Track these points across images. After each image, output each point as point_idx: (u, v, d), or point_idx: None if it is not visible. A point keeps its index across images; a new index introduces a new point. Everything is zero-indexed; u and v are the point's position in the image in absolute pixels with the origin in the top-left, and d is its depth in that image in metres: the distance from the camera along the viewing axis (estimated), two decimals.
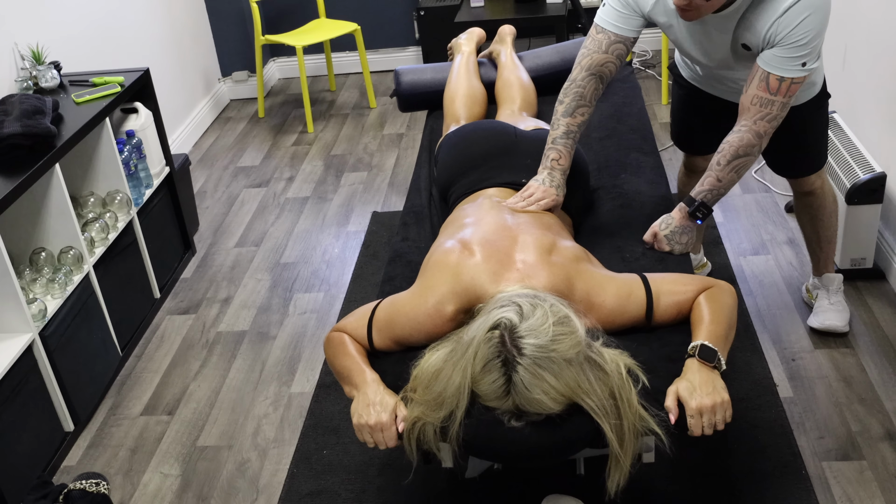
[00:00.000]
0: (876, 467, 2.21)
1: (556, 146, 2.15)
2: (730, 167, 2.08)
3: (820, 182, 2.53)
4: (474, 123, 2.52)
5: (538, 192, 2.09)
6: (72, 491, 2.21)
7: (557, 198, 2.10)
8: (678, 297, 1.81)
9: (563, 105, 2.16)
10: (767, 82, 2.00)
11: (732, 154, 2.07)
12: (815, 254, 2.69)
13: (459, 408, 1.56)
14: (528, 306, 1.56)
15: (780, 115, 2.04)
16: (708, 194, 2.12)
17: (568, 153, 2.15)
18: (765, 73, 2.00)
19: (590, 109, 2.17)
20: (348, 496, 2.23)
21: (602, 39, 2.13)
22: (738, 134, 2.07)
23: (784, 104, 2.03)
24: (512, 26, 3.11)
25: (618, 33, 2.12)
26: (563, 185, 2.14)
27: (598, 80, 2.15)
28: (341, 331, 1.89)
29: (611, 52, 2.13)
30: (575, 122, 2.15)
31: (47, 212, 2.60)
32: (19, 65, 3.04)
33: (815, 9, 1.94)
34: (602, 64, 2.13)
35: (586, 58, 2.15)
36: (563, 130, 2.15)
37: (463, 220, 2.01)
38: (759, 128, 2.05)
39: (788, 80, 1.99)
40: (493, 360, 1.52)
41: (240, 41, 5.01)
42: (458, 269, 1.79)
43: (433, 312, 1.77)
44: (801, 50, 1.96)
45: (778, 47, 1.97)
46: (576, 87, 2.15)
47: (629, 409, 1.56)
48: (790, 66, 1.98)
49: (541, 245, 1.84)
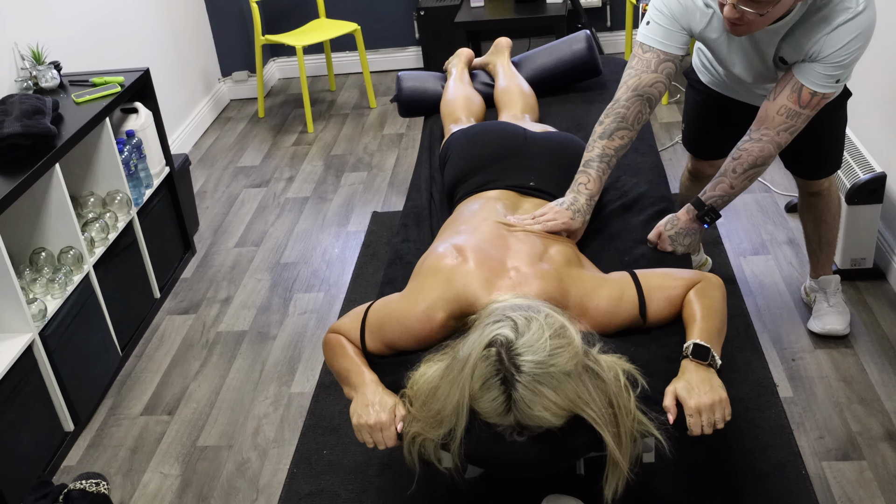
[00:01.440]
0: (876, 467, 2.21)
1: (586, 169, 2.05)
2: (745, 175, 2.07)
3: (828, 184, 2.52)
4: (483, 123, 2.52)
5: (550, 213, 2.00)
6: (72, 491, 2.22)
7: (571, 222, 2.00)
8: (669, 292, 1.81)
9: (602, 126, 2.06)
10: (800, 94, 1.98)
11: (750, 163, 2.05)
12: (814, 254, 2.69)
13: (459, 425, 1.55)
14: (522, 321, 1.53)
15: (800, 128, 2.03)
16: (718, 200, 2.11)
17: (598, 178, 2.04)
18: (798, 84, 1.98)
19: (631, 133, 2.05)
20: (348, 496, 2.23)
21: (650, 58, 2.04)
22: (758, 143, 2.04)
23: (808, 117, 2.01)
24: (508, 39, 3.12)
25: (667, 51, 2.04)
26: (586, 210, 2.03)
27: (644, 102, 2.04)
28: (336, 332, 1.89)
29: (660, 71, 2.04)
30: (612, 144, 2.04)
31: (47, 212, 2.60)
32: (19, 65, 3.04)
33: (862, 30, 1.92)
34: (651, 84, 2.04)
35: (633, 77, 2.04)
36: (597, 153, 2.05)
37: (459, 225, 2.00)
38: (780, 139, 2.03)
39: (820, 96, 1.98)
40: (491, 378, 1.50)
41: (240, 41, 5.01)
42: (451, 275, 1.78)
43: (423, 318, 1.76)
44: (840, 69, 1.95)
45: (819, 63, 1.95)
46: (618, 108, 2.05)
47: (626, 416, 1.56)
48: (826, 83, 1.97)
49: (533, 252, 1.83)
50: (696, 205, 2.12)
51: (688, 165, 2.77)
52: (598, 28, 5.07)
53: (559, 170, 2.22)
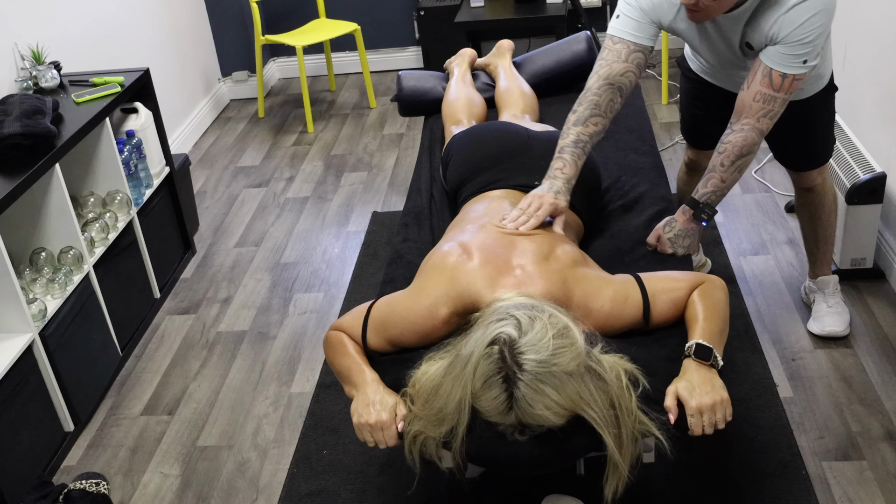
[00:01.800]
0: (876, 467, 2.21)
1: (561, 155, 2.07)
2: (734, 167, 2.08)
3: (821, 179, 2.53)
4: (485, 124, 2.52)
5: (535, 202, 1.99)
6: (72, 491, 2.22)
7: (556, 202, 2.00)
8: (673, 294, 1.81)
9: (576, 114, 2.09)
10: (771, 78, 2.00)
11: (736, 154, 2.07)
12: (812, 253, 2.69)
13: (461, 424, 1.55)
14: (526, 319, 1.54)
15: (780, 111, 2.04)
16: (712, 195, 2.12)
17: (574, 162, 2.06)
18: (767, 68, 2.00)
19: (604, 121, 2.09)
20: (348, 496, 2.23)
21: (621, 49, 2.08)
22: (741, 133, 2.06)
23: (784, 100, 2.03)
24: (511, 42, 3.12)
25: (636, 42, 2.07)
26: (565, 192, 2.05)
27: (615, 90, 2.08)
28: (338, 329, 1.89)
29: (630, 61, 2.08)
30: (587, 131, 2.07)
31: (47, 212, 2.60)
32: (19, 65, 3.04)
33: (819, 9, 1.93)
34: (622, 73, 2.07)
35: (604, 67, 2.08)
36: (571, 139, 2.07)
37: (466, 224, 2.01)
38: (762, 125, 2.05)
39: (791, 77, 2.00)
40: (493, 376, 1.50)
41: (240, 41, 5.01)
42: (455, 272, 1.78)
43: (427, 314, 1.76)
44: (804, 48, 1.96)
45: (781, 44, 1.97)
46: (591, 96, 2.08)
47: (628, 417, 1.56)
48: (792, 63, 1.98)
49: (539, 251, 1.83)
50: (692, 204, 2.13)
51: (684, 158, 2.79)
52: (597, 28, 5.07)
53: None
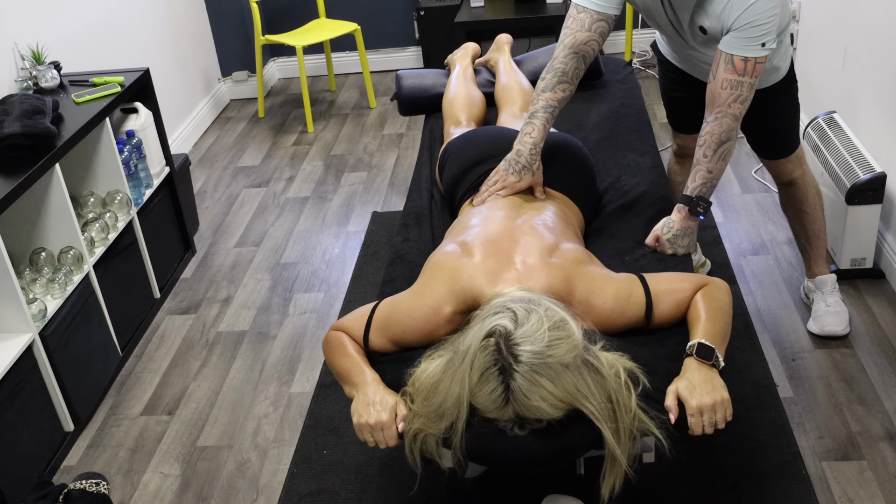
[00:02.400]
0: (876, 467, 2.21)
1: (531, 120, 2.16)
2: (716, 156, 2.11)
3: (800, 172, 2.55)
4: (478, 129, 2.53)
5: (499, 182, 2.14)
6: (72, 491, 2.21)
7: (517, 184, 2.12)
8: (676, 295, 1.82)
9: (545, 81, 2.17)
10: (733, 64, 2.03)
11: (716, 142, 2.09)
12: (805, 251, 2.70)
13: (460, 419, 1.55)
14: (522, 312, 1.54)
15: (749, 96, 2.07)
16: (702, 188, 2.14)
17: (542, 126, 2.15)
18: (728, 55, 2.04)
19: (571, 87, 2.17)
20: (348, 496, 2.23)
21: (584, 18, 2.14)
22: (715, 122, 2.09)
23: (752, 85, 2.06)
24: (509, 35, 3.12)
25: (600, 10, 2.12)
26: (533, 160, 2.14)
27: (580, 58, 2.15)
28: (339, 329, 1.89)
29: (594, 31, 2.14)
30: (555, 97, 2.15)
31: (47, 212, 2.60)
32: (19, 65, 3.04)
33: None
34: (585, 42, 2.14)
35: (569, 37, 2.15)
36: (541, 105, 2.16)
37: (469, 221, 2.01)
38: (734, 110, 2.07)
39: (752, 60, 2.03)
40: (489, 368, 1.51)
41: (240, 41, 5.01)
42: (457, 269, 1.79)
43: (430, 313, 1.77)
44: (757, 31, 1.99)
45: (734, 31, 2.01)
46: (557, 64, 2.15)
47: (626, 413, 1.56)
48: (750, 46, 2.01)
49: (542, 246, 1.84)
50: (685, 201, 2.14)
51: (672, 147, 2.81)
52: None
53: (556, 169, 2.23)
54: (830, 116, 3.14)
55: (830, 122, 3.11)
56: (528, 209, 2.06)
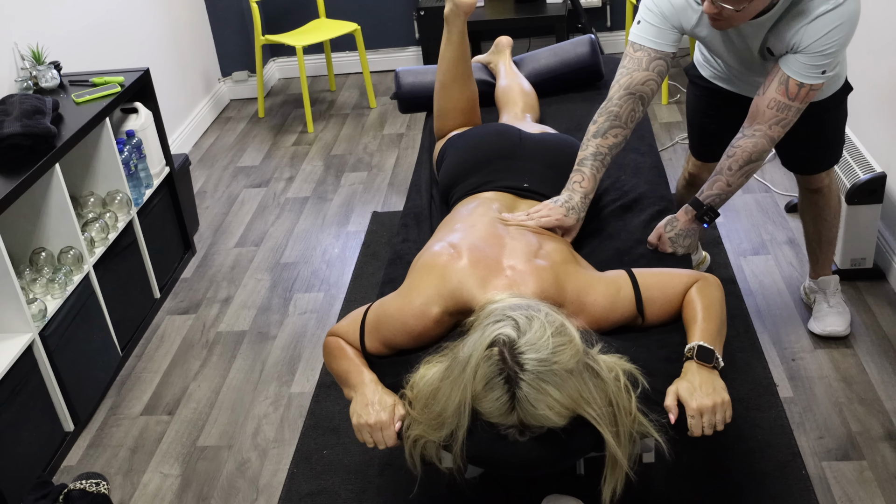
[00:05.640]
0: (876, 467, 2.21)
1: (581, 168, 2.08)
2: (741, 172, 2.07)
3: (828, 181, 2.53)
4: (479, 127, 2.51)
5: (544, 210, 2.03)
6: (72, 491, 2.21)
7: (564, 218, 2.02)
8: (666, 290, 1.82)
9: (596, 125, 2.09)
10: (787, 87, 1.99)
11: (745, 159, 2.06)
12: (814, 254, 2.69)
13: (461, 427, 1.55)
14: (523, 320, 1.53)
15: (793, 121, 2.04)
16: (716, 198, 2.12)
17: (592, 176, 2.07)
18: (785, 76, 1.99)
19: (625, 132, 2.08)
20: (348, 496, 2.23)
21: (642, 57, 2.07)
22: (752, 139, 2.05)
23: (799, 110, 2.02)
24: (509, 38, 3.11)
25: (657, 49, 2.06)
26: (581, 208, 2.06)
27: (637, 100, 2.07)
28: (335, 334, 1.90)
29: (652, 69, 2.06)
30: (606, 143, 2.07)
31: (47, 212, 2.60)
32: (19, 65, 3.04)
33: (844, 21, 1.92)
34: (643, 82, 2.07)
35: (625, 76, 2.07)
36: (591, 151, 2.08)
37: (455, 223, 2.01)
38: (773, 133, 2.04)
39: (807, 87, 1.99)
40: (494, 377, 1.50)
41: (240, 41, 5.01)
42: (445, 271, 1.78)
43: (419, 314, 1.76)
44: (824, 59, 1.96)
45: (802, 53, 1.96)
46: (611, 107, 2.07)
47: (626, 416, 1.56)
48: (810, 73, 1.97)
49: (528, 250, 1.84)
50: (695, 205, 2.13)
51: (686, 169, 2.75)
52: (597, 28, 5.07)
53: (554, 171, 2.23)
54: None
55: None
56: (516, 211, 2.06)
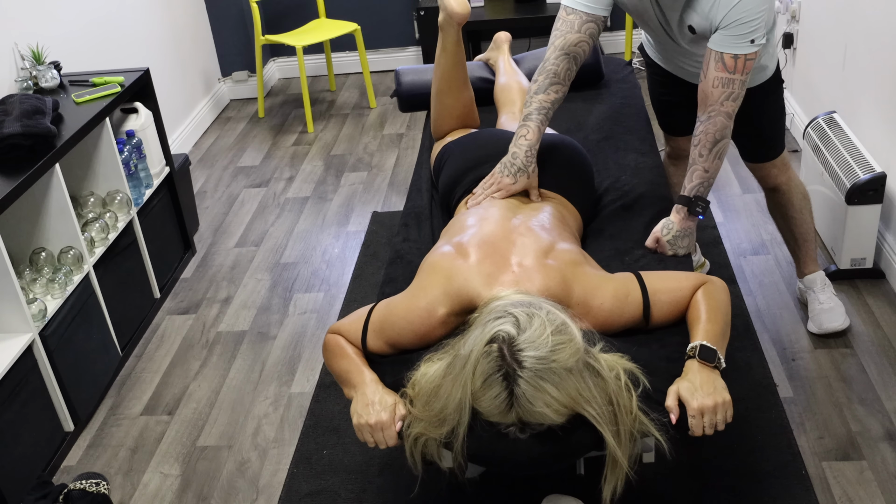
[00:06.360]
0: (876, 467, 2.21)
1: (526, 122, 2.17)
2: (712, 155, 2.11)
3: (785, 178, 2.56)
4: (473, 132, 2.52)
5: (494, 185, 2.14)
6: (72, 491, 2.21)
7: (512, 186, 2.12)
8: (674, 294, 1.81)
9: (537, 83, 2.18)
10: (723, 61, 2.04)
11: (711, 141, 2.10)
12: (794, 253, 2.72)
13: (461, 424, 1.55)
14: (524, 317, 1.53)
15: (741, 93, 2.08)
16: (700, 187, 2.14)
17: (537, 128, 2.16)
18: (718, 53, 2.04)
19: (564, 88, 2.18)
20: (348, 496, 2.23)
21: (574, 20, 2.15)
22: (709, 121, 2.09)
23: (743, 82, 2.06)
24: (507, 33, 3.11)
25: (588, 12, 2.14)
26: (529, 162, 2.14)
27: (571, 59, 2.16)
28: (336, 332, 1.89)
29: (583, 32, 2.15)
30: (548, 98, 2.17)
31: (47, 212, 2.60)
32: (19, 65, 3.04)
33: None
34: (575, 44, 2.15)
35: (559, 38, 2.16)
36: (535, 107, 2.17)
37: (465, 221, 2.01)
38: (727, 108, 2.08)
39: (742, 57, 2.03)
40: (493, 374, 1.50)
41: (240, 41, 5.01)
42: (452, 271, 1.78)
43: (425, 314, 1.76)
44: (746, 28, 2.00)
45: (722, 29, 2.02)
46: (548, 65, 2.17)
47: (626, 415, 1.56)
48: (738, 43, 2.02)
49: (539, 248, 1.83)
50: (683, 202, 2.14)
51: (665, 149, 2.82)
52: None
53: (553, 170, 2.23)
54: (830, 116, 3.14)
55: (830, 122, 3.11)
56: (524, 210, 2.06)
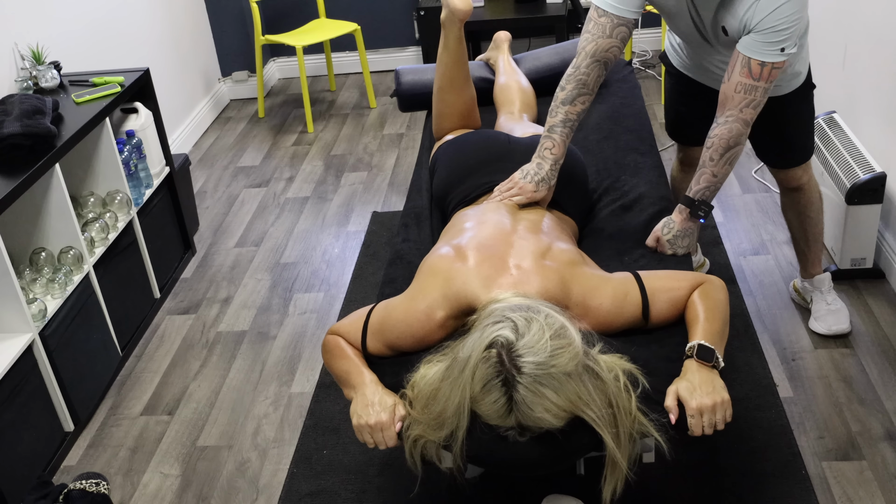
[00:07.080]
0: (876, 467, 2.21)
1: (551, 135, 2.13)
2: (723, 160, 2.09)
3: (807, 178, 2.54)
4: (467, 134, 2.51)
5: (514, 188, 2.10)
6: (72, 491, 2.21)
7: (534, 194, 2.09)
8: (672, 293, 1.81)
9: (565, 92, 2.12)
10: (749, 68, 2.00)
11: (724, 147, 2.07)
12: (802, 253, 2.70)
13: (461, 427, 1.55)
14: (522, 322, 1.53)
15: (762, 101, 2.05)
16: (706, 191, 2.12)
17: (563, 142, 2.12)
18: (746, 58, 2.00)
19: (590, 98, 2.13)
20: (348, 496, 2.23)
21: (605, 23, 2.08)
22: (726, 126, 2.06)
23: (766, 90, 2.03)
24: (507, 33, 3.11)
25: (621, 15, 2.07)
26: (552, 175, 2.11)
27: (601, 66, 2.11)
28: (336, 333, 1.89)
29: (615, 36, 2.08)
30: (574, 110, 2.12)
31: (47, 212, 2.60)
32: (19, 65, 3.04)
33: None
34: (607, 49, 2.09)
35: (590, 43, 2.09)
36: (560, 118, 2.12)
37: (463, 224, 2.01)
38: (745, 115, 2.05)
39: (769, 65, 2.00)
40: (492, 380, 1.50)
41: (240, 41, 5.01)
42: (450, 273, 1.78)
43: (423, 317, 1.76)
44: (779, 35, 1.96)
45: (755, 33, 1.98)
46: (579, 75, 2.10)
47: (626, 416, 1.56)
48: (768, 51, 1.98)
49: (536, 250, 1.83)
50: (687, 203, 2.13)
51: (677, 154, 2.79)
52: None
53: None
54: (830, 116, 3.14)
55: (830, 122, 3.11)
56: (521, 213, 2.06)
